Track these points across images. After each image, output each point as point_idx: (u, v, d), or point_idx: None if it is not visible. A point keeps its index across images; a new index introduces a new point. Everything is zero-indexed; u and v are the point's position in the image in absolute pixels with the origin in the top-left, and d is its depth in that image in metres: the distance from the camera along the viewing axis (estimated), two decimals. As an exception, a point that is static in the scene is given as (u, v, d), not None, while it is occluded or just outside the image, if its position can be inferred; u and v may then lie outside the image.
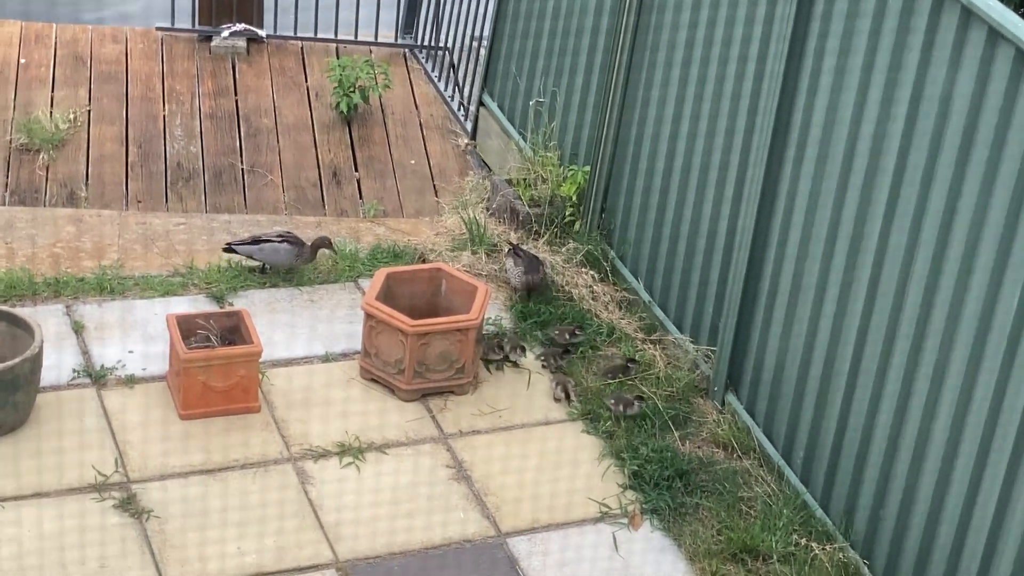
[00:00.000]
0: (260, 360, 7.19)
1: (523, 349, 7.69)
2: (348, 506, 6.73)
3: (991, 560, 5.88)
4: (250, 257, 8.11)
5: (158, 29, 10.62)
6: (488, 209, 8.89)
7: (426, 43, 10.85)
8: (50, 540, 6.32)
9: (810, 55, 6.78)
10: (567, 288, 8.22)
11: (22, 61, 10.15)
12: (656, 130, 8.00)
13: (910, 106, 6.19)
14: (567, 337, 7.82)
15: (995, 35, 5.73)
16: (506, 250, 8.28)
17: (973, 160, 5.89)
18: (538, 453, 7.19)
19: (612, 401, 7.37)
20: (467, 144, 9.98)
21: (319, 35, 10.79)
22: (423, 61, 10.82)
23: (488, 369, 7.64)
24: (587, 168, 8.57)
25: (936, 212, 6.08)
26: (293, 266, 8.14)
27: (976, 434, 5.92)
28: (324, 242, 8.21)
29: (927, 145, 6.11)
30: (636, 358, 7.73)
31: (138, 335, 7.58)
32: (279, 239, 8.09)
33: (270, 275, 8.14)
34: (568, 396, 7.46)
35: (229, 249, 8.12)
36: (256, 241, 8.11)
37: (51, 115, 9.55)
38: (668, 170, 7.93)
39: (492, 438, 7.25)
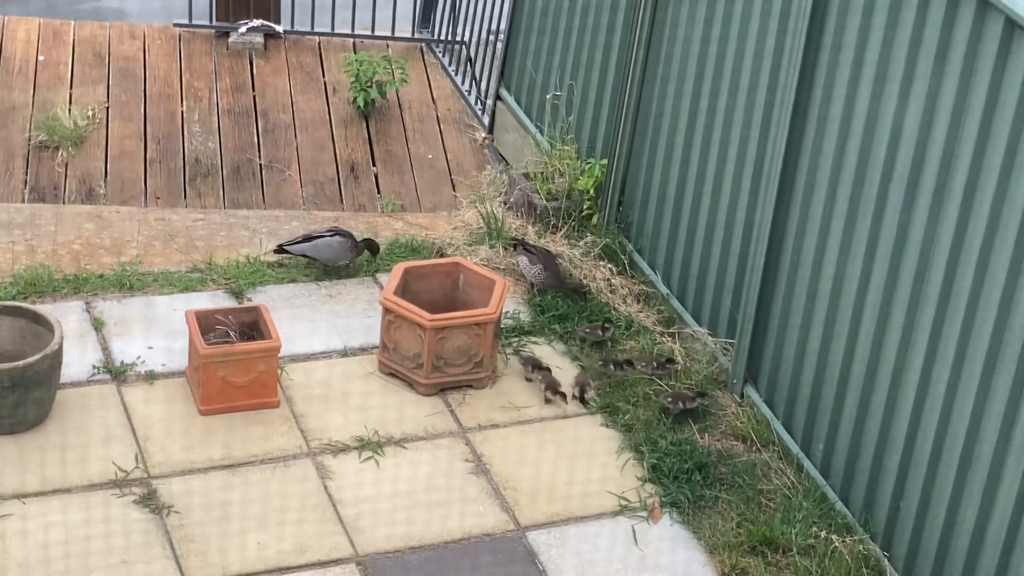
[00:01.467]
0: (279, 355, 7.20)
1: (586, 388, 7.44)
2: (367, 500, 6.74)
3: (1012, 550, 5.87)
4: (303, 255, 8.11)
5: (175, 25, 10.64)
6: (505, 203, 8.89)
7: (443, 38, 10.86)
8: (71, 536, 6.35)
9: (827, 49, 6.77)
10: (585, 282, 8.22)
11: (41, 59, 10.18)
12: (673, 123, 7.99)
13: (927, 99, 6.17)
14: (599, 333, 7.77)
15: (1012, 26, 5.72)
16: (515, 248, 8.24)
17: (990, 152, 5.87)
18: (556, 446, 7.20)
19: (669, 400, 7.32)
20: (484, 138, 9.99)
21: (336, 30, 10.80)
22: (440, 55, 10.83)
23: (504, 361, 7.64)
24: (604, 161, 8.57)
25: (955, 205, 6.06)
26: (346, 260, 8.14)
27: (996, 426, 5.90)
28: (372, 246, 8.21)
29: (944, 137, 6.09)
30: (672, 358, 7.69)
31: (157, 331, 7.60)
32: (331, 234, 8.09)
33: (288, 269, 8.16)
34: (583, 396, 7.42)
35: (280, 250, 8.14)
36: (308, 239, 8.11)
37: (69, 112, 9.58)
38: (685, 162, 7.93)
39: (510, 432, 7.26)
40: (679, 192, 7.99)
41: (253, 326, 7.29)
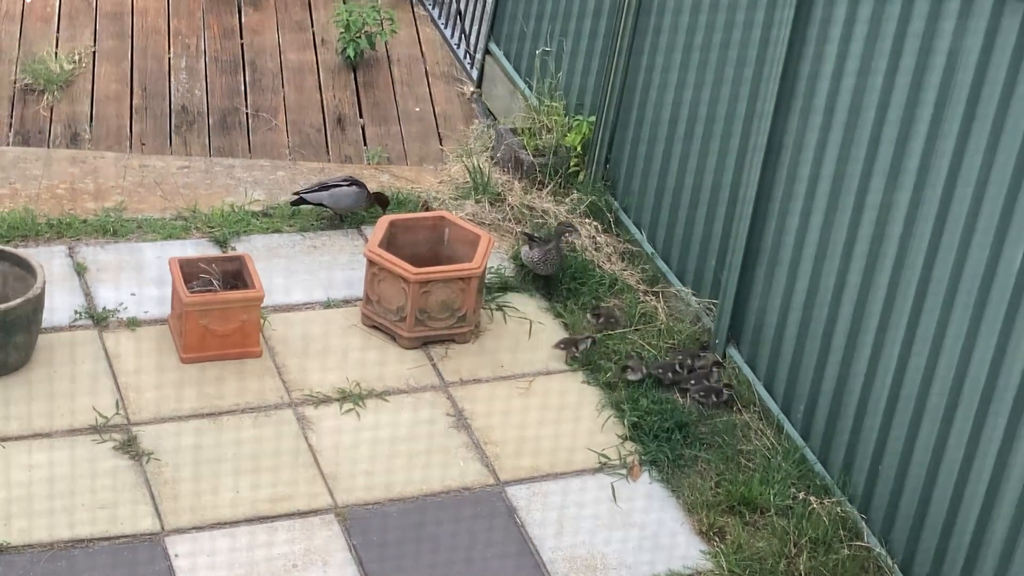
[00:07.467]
0: (262, 305, 7.19)
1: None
2: (347, 452, 6.74)
3: (989, 514, 5.89)
4: (320, 204, 8.11)
5: (164, -29, 10.56)
6: (492, 158, 8.87)
7: (433, -10, 10.79)
8: (50, 481, 6.34)
9: (820, 3, 6.74)
10: (570, 240, 8.20)
11: (27, 1, 10.10)
12: (663, 79, 7.96)
13: (918, 59, 6.16)
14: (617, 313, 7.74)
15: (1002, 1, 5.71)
16: (523, 242, 8.08)
17: (979, 116, 5.86)
18: (538, 403, 7.20)
19: (695, 388, 7.24)
20: (472, 92, 9.95)
21: (326, -20, 10.73)
22: (429, 8, 10.77)
23: (490, 315, 7.64)
24: (592, 118, 8.54)
25: (941, 168, 6.05)
26: (360, 209, 8.17)
27: (976, 390, 5.92)
28: (382, 199, 8.25)
29: (934, 99, 6.08)
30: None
31: (140, 278, 7.58)
32: (347, 183, 8.10)
33: (273, 220, 8.14)
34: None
35: (299, 200, 8.15)
36: (325, 187, 8.11)
37: (56, 56, 9.51)
38: (673, 120, 7.90)
39: (492, 387, 7.26)
40: (666, 151, 7.97)
41: (237, 275, 7.27)
